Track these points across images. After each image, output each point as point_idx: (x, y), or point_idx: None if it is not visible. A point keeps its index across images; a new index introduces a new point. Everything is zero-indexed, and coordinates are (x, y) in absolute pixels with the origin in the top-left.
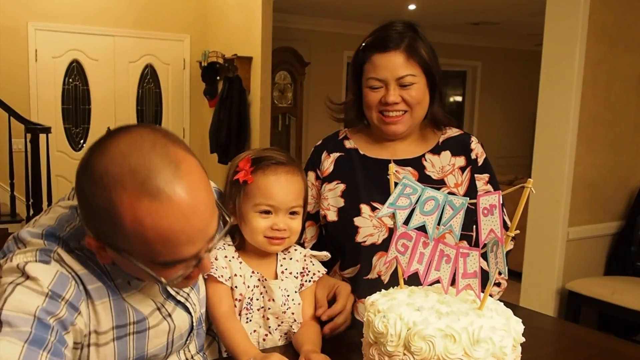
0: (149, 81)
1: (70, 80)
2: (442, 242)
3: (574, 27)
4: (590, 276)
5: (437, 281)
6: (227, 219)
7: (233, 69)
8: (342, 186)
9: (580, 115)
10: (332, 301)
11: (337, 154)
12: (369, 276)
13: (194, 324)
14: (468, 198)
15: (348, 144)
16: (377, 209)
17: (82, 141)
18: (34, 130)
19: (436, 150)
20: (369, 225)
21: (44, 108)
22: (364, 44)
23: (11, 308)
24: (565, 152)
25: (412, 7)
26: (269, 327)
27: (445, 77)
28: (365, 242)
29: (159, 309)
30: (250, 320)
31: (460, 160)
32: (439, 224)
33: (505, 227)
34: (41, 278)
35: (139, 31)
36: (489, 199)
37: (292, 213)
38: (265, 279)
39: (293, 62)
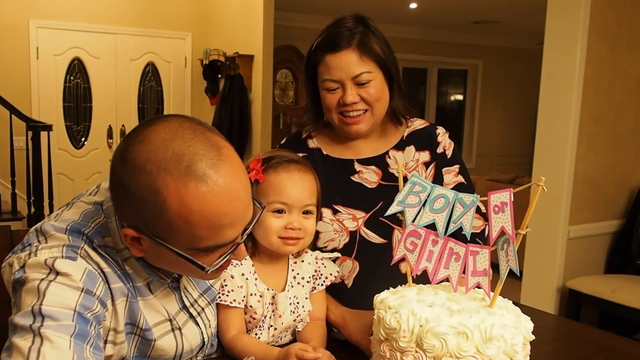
0: (151, 79)
1: (72, 78)
2: (452, 240)
3: (575, 26)
4: (591, 274)
5: (446, 279)
6: (259, 205)
7: (234, 67)
8: None
9: (581, 114)
10: None
11: (300, 154)
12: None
13: (205, 340)
14: (478, 196)
15: (311, 144)
16: (339, 211)
17: (83, 139)
18: (36, 128)
19: (400, 146)
20: (329, 230)
21: (45, 106)
22: (315, 45)
23: (51, 303)
24: (566, 151)
25: (413, 5)
26: (280, 338)
27: (447, 75)
28: (326, 247)
29: (170, 320)
30: (260, 338)
31: (425, 155)
32: (449, 222)
33: (470, 190)
34: (72, 274)
35: (140, 29)
36: (500, 196)
37: (306, 212)
38: (276, 294)
39: (294, 60)
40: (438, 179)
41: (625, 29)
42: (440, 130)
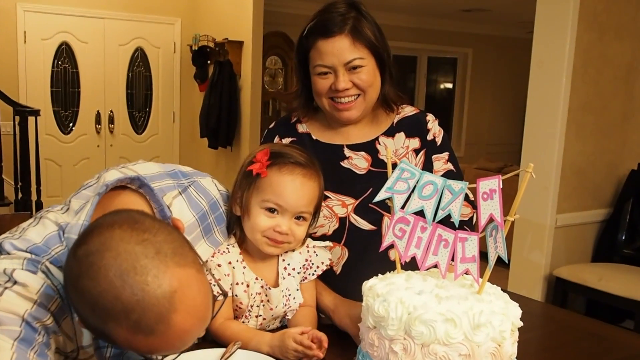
0: (139, 64)
1: (60, 62)
2: (440, 227)
3: (565, 15)
4: (578, 263)
5: (434, 266)
6: (219, 296)
7: (224, 53)
8: None
9: (570, 103)
10: None
11: (289, 139)
12: None
13: None
14: (467, 183)
15: (301, 128)
16: (329, 197)
17: (71, 124)
18: (23, 112)
19: (390, 132)
20: (319, 216)
21: (32, 90)
22: (306, 30)
23: (0, 308)
24: (554, 140)
25: None
26: (268, 326)
27: (436, 63)
28: (315, 233)
29: None
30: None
31: (415, 142)
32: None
33: (459, 177)
34: (30, 285)
35: (129, 14)
36: (489, 183)
37: (299, 218)
38: (269, 288)
39: (284, 47)
40: (428, 166)
41: (613, 18)
42: (430, 117)
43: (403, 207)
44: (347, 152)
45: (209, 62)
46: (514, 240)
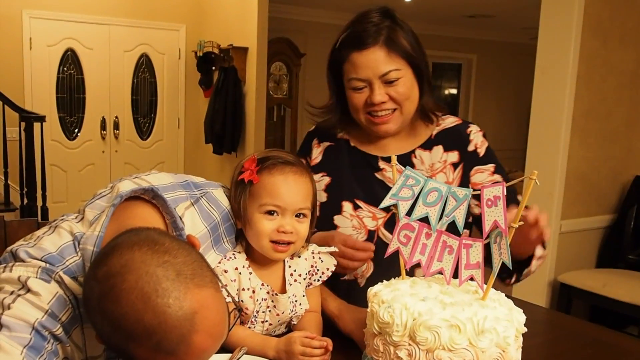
0: (144, 71)
1: (65, 69)
2: (445, 233)
3: (569, 21)
4: (582, 268)
5: (439, 272)
6: (232, 310)
7: (229, 59)
8: (327, 179)
9: (574, 109)
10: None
11: (327, 144)
12: (346, 277)
13: None
14: (472, 189)
15: (339, 134)
16: (360, 207)
17: (76, 130)
18: (28, 119)
19: (428, 145)
20: (348, 226)
21: (38, 97)
22: (339, 42)
23: (11, 315)
24: (558, 146)
25: None
26: (274, 331)
27: (441, 69)
28: None
29: None
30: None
31: (453, 156)
32: (441, 215)
33: (513, 192)
34: (42, 294)
35: (134, 20)
36: (493, 190)
37: (299, 215)
38: (276, 294)
39: (289, 53)
40: (466, 181)
41: (618, 25)
42: (473, 127)
43: (408, 214)
44: (381, 163)
45: (213, 68)
46: None
